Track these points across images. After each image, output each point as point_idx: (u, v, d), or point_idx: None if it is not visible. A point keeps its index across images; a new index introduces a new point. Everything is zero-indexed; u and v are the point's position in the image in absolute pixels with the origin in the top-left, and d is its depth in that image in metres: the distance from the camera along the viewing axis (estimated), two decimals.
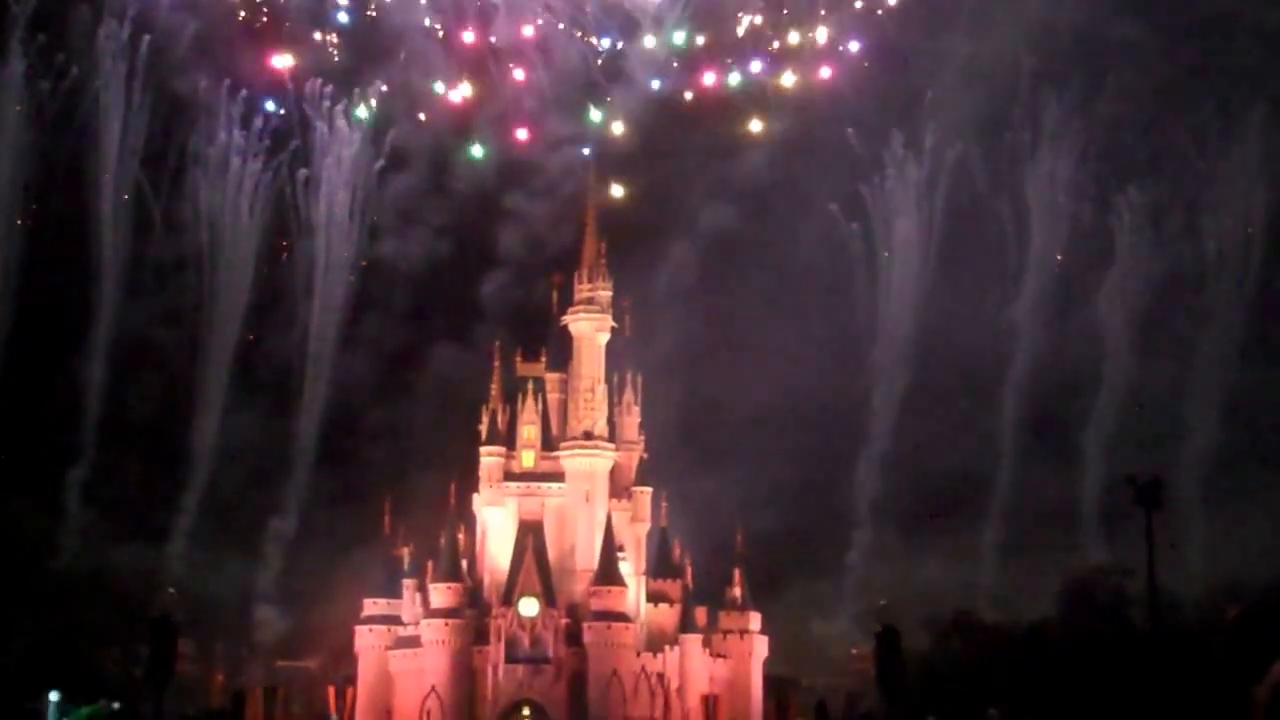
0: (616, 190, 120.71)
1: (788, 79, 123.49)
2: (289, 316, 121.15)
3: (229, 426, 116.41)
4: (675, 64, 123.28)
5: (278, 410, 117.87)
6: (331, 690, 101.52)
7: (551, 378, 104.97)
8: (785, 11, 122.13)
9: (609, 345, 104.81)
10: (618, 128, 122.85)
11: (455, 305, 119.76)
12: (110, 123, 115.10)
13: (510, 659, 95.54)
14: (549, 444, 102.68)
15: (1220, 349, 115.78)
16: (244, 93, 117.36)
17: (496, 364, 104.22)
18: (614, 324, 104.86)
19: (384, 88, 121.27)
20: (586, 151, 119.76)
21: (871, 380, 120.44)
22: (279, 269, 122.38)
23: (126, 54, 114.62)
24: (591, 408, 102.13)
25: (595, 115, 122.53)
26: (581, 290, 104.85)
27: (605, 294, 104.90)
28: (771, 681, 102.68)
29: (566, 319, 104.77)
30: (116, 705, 62.61)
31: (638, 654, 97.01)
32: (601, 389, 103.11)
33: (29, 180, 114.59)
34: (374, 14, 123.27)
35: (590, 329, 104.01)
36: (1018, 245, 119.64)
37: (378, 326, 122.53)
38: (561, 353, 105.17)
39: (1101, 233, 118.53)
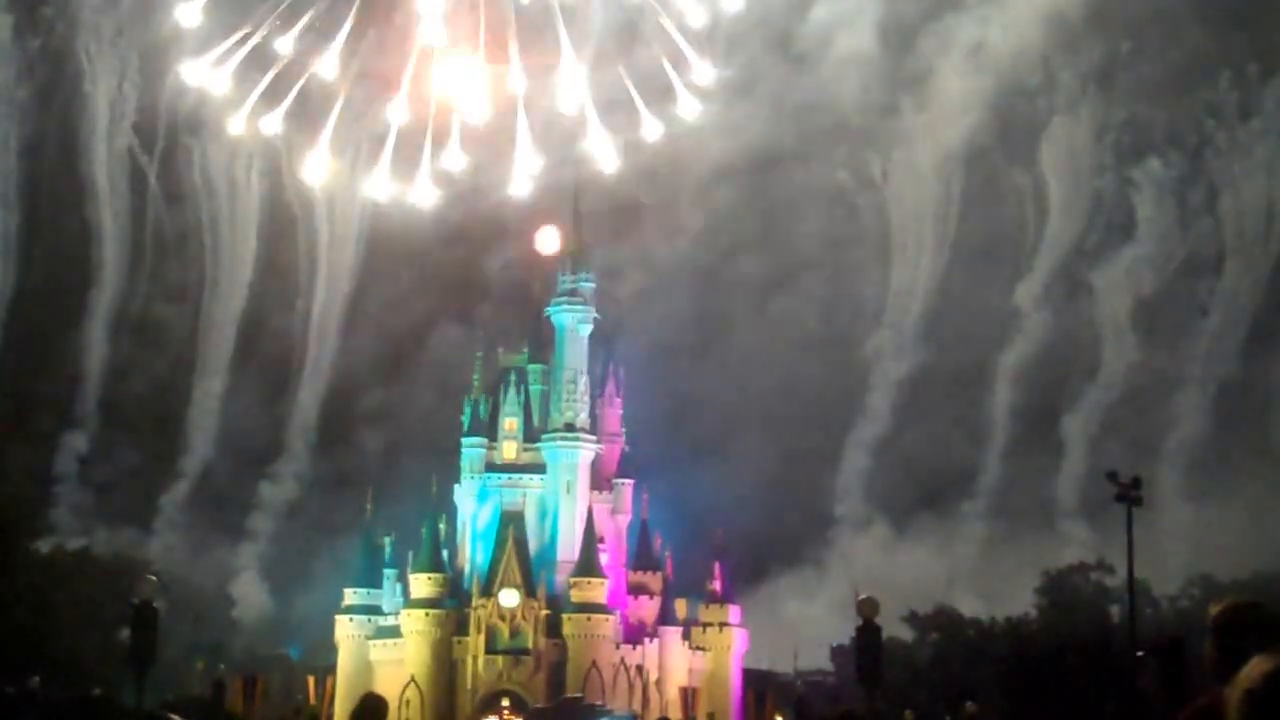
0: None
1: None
2: (292, 291, 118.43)
3: (228, 405, 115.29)
4: None
5: (277, 390, 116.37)
6: (311, 679, 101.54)
7: (534, 369, 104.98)
8: None
9: (592, 336, 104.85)
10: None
11: (457, 282, 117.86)
12: (97, 80, 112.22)
13: (490, 650, 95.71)
14: (531, 435, 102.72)
15: (1219, 340, 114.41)
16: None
17: (479, 354, 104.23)
18: (597, 315, 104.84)
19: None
20: None
21: (866, 369, 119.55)
22: (281, 239, 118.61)
23: (110, 6, 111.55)
24: (574, 399, 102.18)
25: None
26: (565, 281, 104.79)
27: (589, 285, 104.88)
28: (750, 675, 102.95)
29: (550, 310, 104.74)
30: (96, 691, 62.63)
31: (617, 646, 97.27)
32: (584, 381, 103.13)
33: (23, 145, 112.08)
34: None
35: (573, 320, 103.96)
36: (1036, 221, 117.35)
37: (380, 303, 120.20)
38: (544, 344, 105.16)
39: (1121, 209, 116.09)
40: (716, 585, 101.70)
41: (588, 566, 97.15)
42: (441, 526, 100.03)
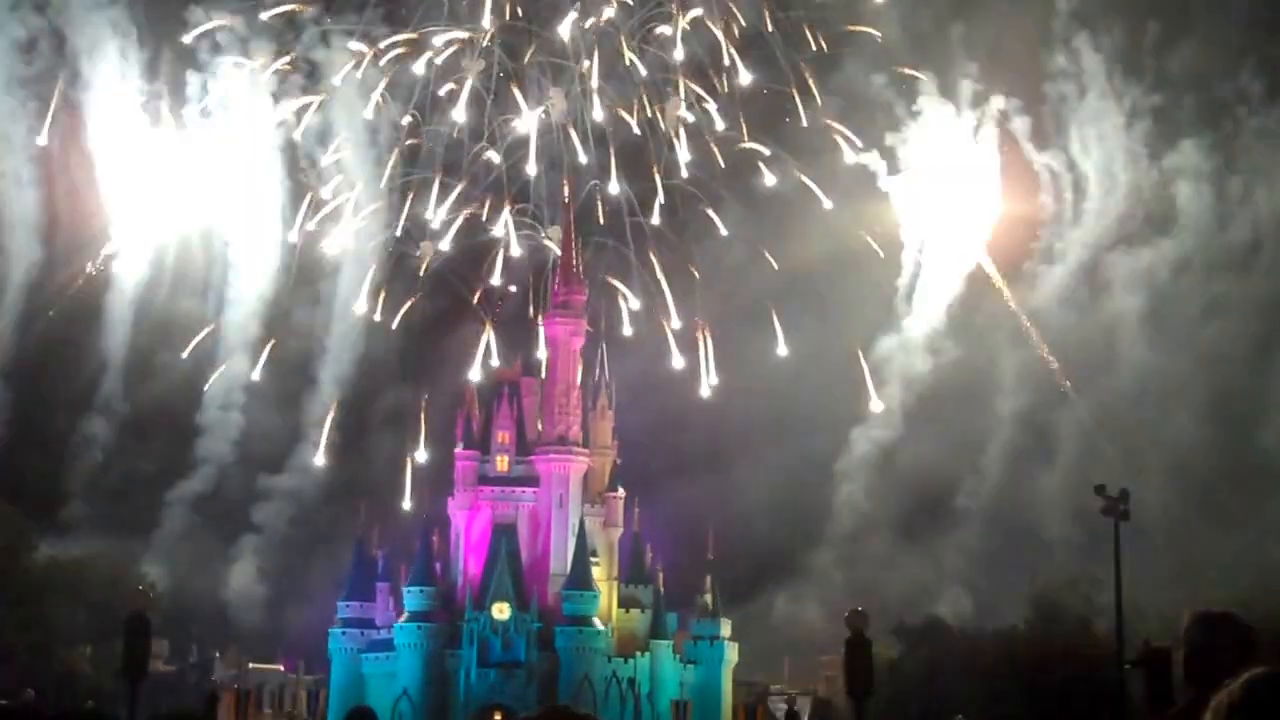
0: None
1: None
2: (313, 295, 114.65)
3: (245, 410, 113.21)
4: None
5: (292, 394, 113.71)
6: (304, 693, 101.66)
7: (526, 382, 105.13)
8: None
9: (584, 349, 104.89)
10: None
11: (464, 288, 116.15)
12: (95, 60, 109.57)
13: (482, 663, 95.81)
14: (523, 448, 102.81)
15: (1228, 344, 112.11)
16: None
17: (471, 368, 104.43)
18: (589, 328, 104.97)
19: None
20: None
21: (868, 379, 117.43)
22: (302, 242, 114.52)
23: None
24: (566, 412, 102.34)
25: None
26: (558, 294, 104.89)
27: (581, 298, 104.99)
28: (742, 688, 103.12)
29: (542, 323, 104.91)
30: (90, 704, 62.88)
31: (609, 659, 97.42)
32: (576, 394, 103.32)
33: (31, 126, 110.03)
34: None
35: (566, 334, 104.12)
36: (1065, 217, 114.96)
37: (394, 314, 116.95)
38: (537, 357, 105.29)
39: (1159, 200, 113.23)
40: (708, 598, 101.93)
41: (580, 579, 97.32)
42: (434, 539, 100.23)
